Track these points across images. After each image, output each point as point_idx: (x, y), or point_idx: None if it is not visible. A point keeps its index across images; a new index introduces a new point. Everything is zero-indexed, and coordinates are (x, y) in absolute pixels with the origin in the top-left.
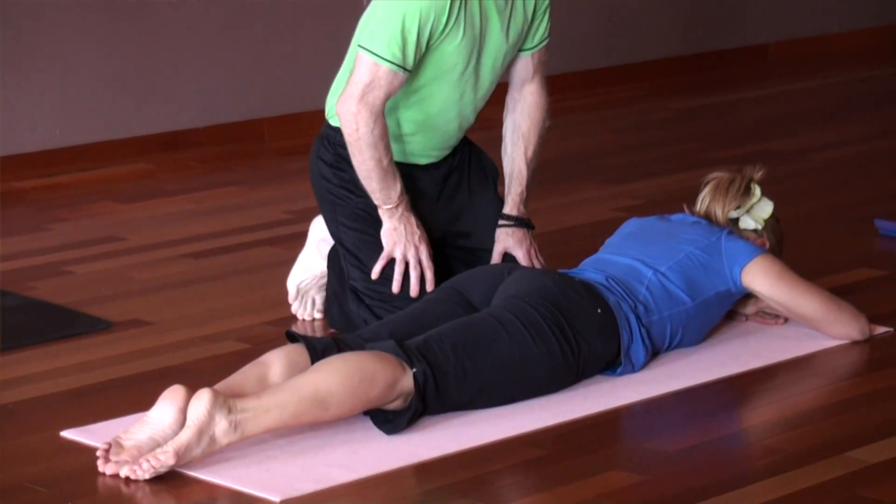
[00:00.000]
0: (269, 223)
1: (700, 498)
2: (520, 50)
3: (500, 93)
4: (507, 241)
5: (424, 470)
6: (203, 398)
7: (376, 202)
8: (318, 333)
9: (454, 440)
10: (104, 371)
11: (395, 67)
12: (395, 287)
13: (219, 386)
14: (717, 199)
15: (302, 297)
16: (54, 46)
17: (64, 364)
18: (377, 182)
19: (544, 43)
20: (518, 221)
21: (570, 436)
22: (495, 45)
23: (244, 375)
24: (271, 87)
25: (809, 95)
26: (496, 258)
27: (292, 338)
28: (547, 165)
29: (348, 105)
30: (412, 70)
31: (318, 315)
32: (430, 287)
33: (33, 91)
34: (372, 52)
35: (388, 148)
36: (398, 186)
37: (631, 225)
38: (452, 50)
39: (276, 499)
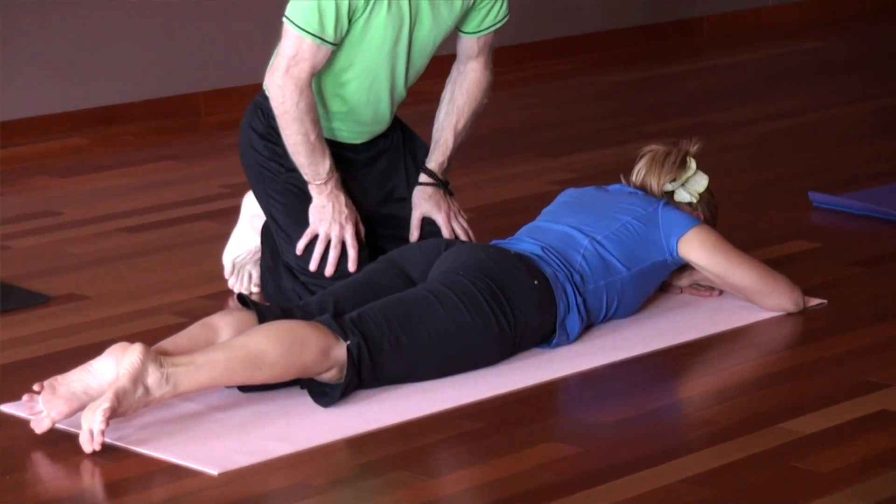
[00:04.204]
0: (204, 197)
1: (636, 469)
2: (464, 32)
3: (434, 67)
4: (425, 206)
5: (361, 442)
6: (135, 350)
7: (305, 178)
8: None
9: (390, 413)
10: (42, 345)
11: (318, 41)
12: (313, 265)
13: (166, 342)
14: (653, 171)
15: (238, 272)
16: None
17: (1, 338)
18: (305, 157)
19: (497, 25)
20: (434, 178)
21: (506, 408)
22: (427, 27)
23: (192, 338)
24: (206, 60)
25: (744, 69)
26: (415, 224)
27: (244, 303)
28: (482, 139)
29: (275, 78)
30: (338, 44)
31: (255, 289)
32: (351, 267)
33: None
34: (295, 25)
35: (315, 123)
36: (327, 163)
37: (568, 194)
38: (378, 25)
39: (214, 472)
